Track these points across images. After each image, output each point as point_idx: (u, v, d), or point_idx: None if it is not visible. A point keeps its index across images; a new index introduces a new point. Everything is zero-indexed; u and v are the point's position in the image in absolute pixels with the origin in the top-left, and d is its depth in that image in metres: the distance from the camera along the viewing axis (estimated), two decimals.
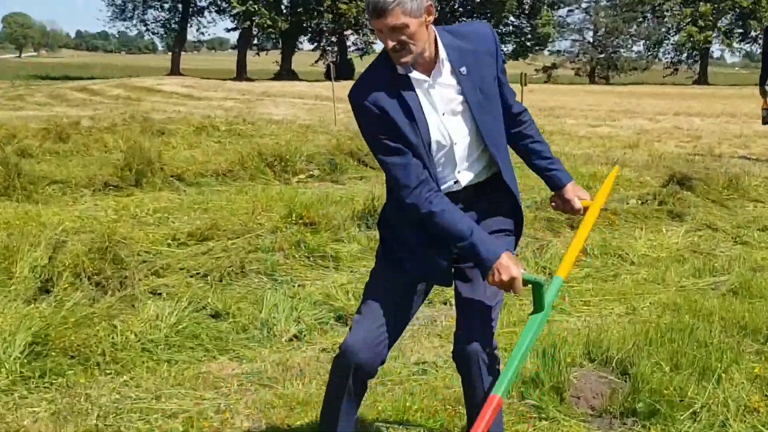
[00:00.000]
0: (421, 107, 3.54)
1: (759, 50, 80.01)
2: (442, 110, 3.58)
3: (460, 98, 3.59)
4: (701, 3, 77.22)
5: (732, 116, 26.23)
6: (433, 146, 3.57)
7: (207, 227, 8.11)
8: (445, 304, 6.52)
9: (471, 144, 3.64)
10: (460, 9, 79.37)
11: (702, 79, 78.58)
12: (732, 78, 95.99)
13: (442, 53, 3.57)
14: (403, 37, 3.42)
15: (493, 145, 3.65)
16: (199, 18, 74.24)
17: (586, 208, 3.86)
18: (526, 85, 16.58)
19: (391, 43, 3.44)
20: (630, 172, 12.56)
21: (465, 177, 3.68)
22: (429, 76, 3.56)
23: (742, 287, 6.87)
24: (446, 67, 3.58)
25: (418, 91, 3.54)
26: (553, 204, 4.02)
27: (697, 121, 24.34)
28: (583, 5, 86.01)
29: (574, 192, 3.88)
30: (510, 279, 3.39)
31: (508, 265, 3.41)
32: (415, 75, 3.53)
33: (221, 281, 6.84)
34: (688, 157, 15.35)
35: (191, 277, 6.90)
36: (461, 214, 3.56)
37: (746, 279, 7.04)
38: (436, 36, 3.61)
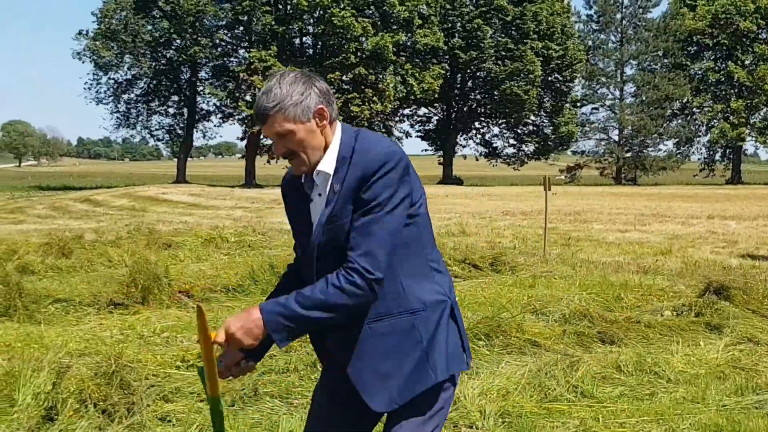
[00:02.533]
0: (310, 213, 3.54)
1: None
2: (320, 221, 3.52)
3: (324, 214, 3.47)
4: (733, 99, 77.94)
5: None
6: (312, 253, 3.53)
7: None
8: None
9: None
10: (479, 109, 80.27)
11: (736, 178, 78.87)
12: (767, 176, 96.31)
13: (325, 164, 3.46)
14: (291, 145, 3.39)
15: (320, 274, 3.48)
16: (205, 123, 75.02)
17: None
18: (549, 189, 16.60)
19: (279, 151, 3.42)
20: (663, 280, 12.53)
21: None
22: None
23: None
24: (328, 177, 3.47)
25: (313, 195, 3.53)
26: None
27: (733, 225, 24.36)
28: (608, 103, 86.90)
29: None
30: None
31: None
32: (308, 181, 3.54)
33: (233, 405, 6.82)
34: (724, 263, 15.32)
35: (202, 401, 6.89)
36: (284, 286, 3.67)
37: None
38: (338, 140, 3.51)
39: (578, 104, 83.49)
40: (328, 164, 3.45)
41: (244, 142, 71.47)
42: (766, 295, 10.86)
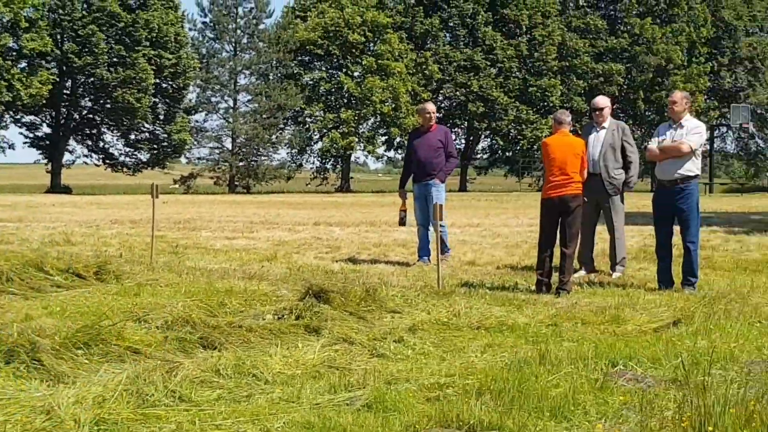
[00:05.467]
0: None
1: (401, 155, 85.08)
2: None
3: None
4: (343, 109, 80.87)
5: (372, 225, 27.47)
6: None
7: None
8: None
9: None
10: (91, 116, 78.91)
11: (345, 187, 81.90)
12: (375, 185, 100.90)
13: None
14: None
15: None
16: None
17: None
18: (157, 197, 16.52)
19: None
20: (268, 286, 12.82)
21: None
22: None
23: (376, 401, 7.13)
24: None
25: None
26: None
27: (337, 231, 25.26)
28: (221, 111, 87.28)
29: None
30: None
31: None
32: None
33: None
34: (327, 268, 15.88)
35: None
36: None
37: (381, 392, 7.33)
38: None
39: (191, 112, 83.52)
40: None
41: None
42: (362, 298, 11.35)
